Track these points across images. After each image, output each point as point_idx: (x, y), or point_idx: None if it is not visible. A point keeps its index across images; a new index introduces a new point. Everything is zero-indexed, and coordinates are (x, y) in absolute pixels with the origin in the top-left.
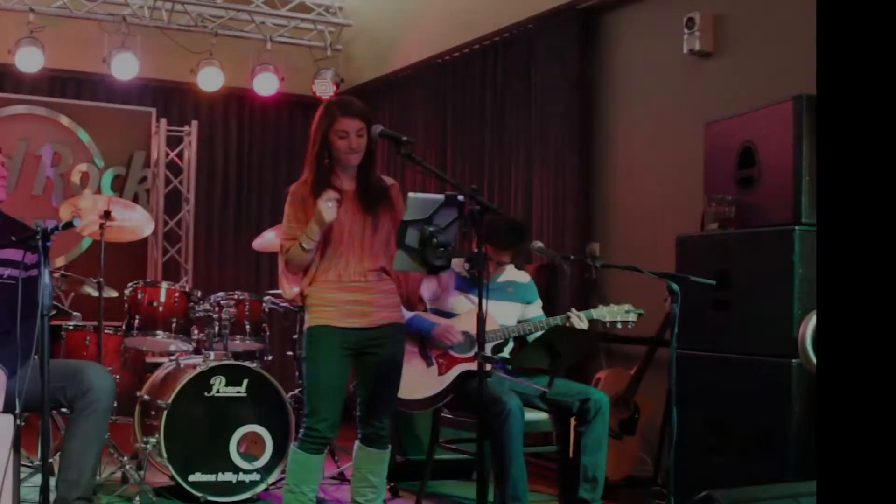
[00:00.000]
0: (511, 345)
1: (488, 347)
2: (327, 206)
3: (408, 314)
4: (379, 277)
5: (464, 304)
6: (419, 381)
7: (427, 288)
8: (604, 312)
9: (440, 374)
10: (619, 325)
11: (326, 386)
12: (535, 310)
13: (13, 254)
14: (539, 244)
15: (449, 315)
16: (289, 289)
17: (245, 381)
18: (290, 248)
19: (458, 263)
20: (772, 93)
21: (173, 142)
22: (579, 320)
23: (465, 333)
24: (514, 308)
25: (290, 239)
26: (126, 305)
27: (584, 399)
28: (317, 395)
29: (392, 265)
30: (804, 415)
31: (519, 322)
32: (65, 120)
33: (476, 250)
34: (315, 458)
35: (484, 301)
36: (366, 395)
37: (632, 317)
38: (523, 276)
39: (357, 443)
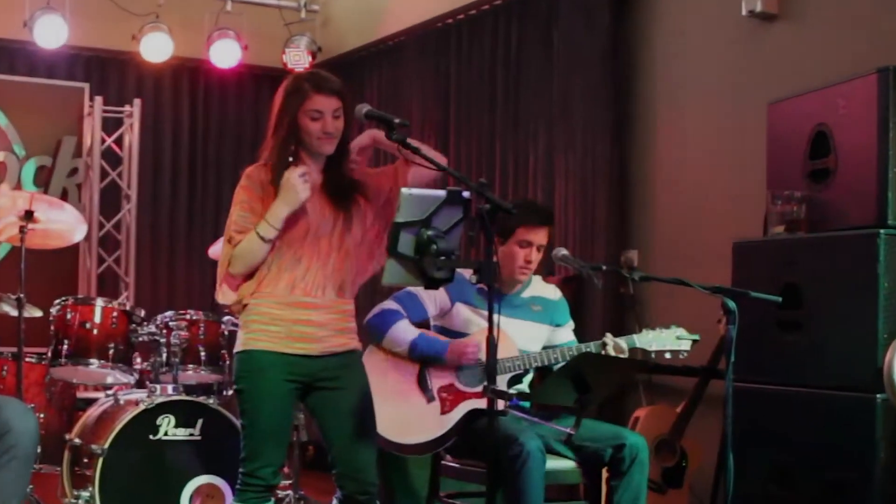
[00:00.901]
0: (531, 376)
1: (503, 379)
2: (301, 181)
3: (412, 334)
4: (338, 295)
5: (476, 323)
6: (417, 420)
7: (430, 299)
8: (649, 339)
9: (443, 412)
10: (667, 356)
11: (268, 424)
12: (567, 334)
13: None
14: (563, 251)
15: (458, 335)
16: (225, 293)
17: (199, 422)
18: (240, 242)
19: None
20: (851, 65)
21: (111, 125)
22: (617, 348)
23: (479, 361)
24: (540, 331)
25: (241, 232)
26: (52, 328)
27: (617, 445)
28: (258, 436)
29: (362, 277)
30: (891, 461)
31: (544, 348)
32: None
33: (486, 258)
34: None
35: (497, 319)
36: (339, 444)
37: (685, 345)
38: (553, 292)
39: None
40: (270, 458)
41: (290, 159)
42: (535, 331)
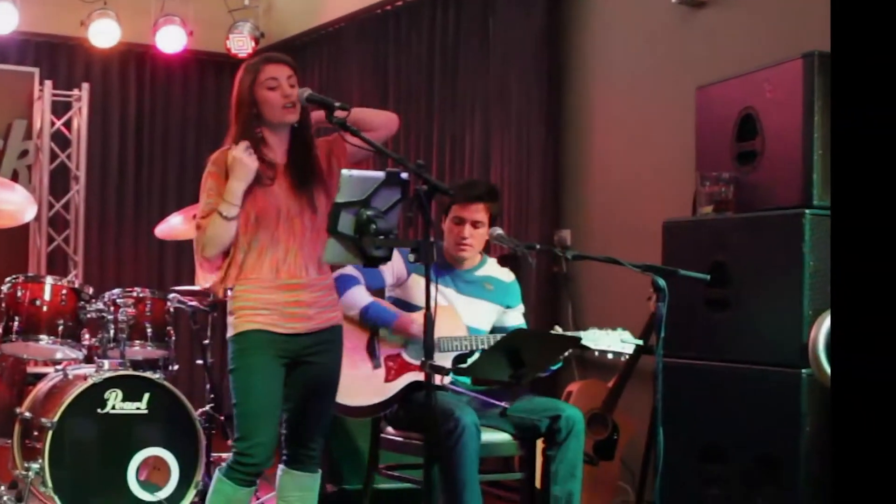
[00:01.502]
0: (477, 356)
1: (450, 357)
2: (246, 154)
3: (365, 300)
4: (319, 272)
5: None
6: (361, 384)
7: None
8: (595, 337)
9: (387, 379)
10: (610, 356)
11: (263, 404)
12: (516, 317)
13: None
14: (498, 231)
15: (413, 308)
16: (205, 276)
17: (146, 396)
18: (206, 226)
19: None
20: (777, 50)
21: (60, 108)
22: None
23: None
24: (490, 309)
25: (208, 216)
26: (3, 305)
27: (553, 416)
28: (251, 416)
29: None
30: (816, 435)
31: (493, 330)
32: None
33: (424, 238)
34: (244, 490)
35: (434, 294)
36: (297, 410)
37: (628, 348)
38: (507, 275)
39: (281, 466)
40: (264, 437)
41: (258, 134)
42: (484, 309)
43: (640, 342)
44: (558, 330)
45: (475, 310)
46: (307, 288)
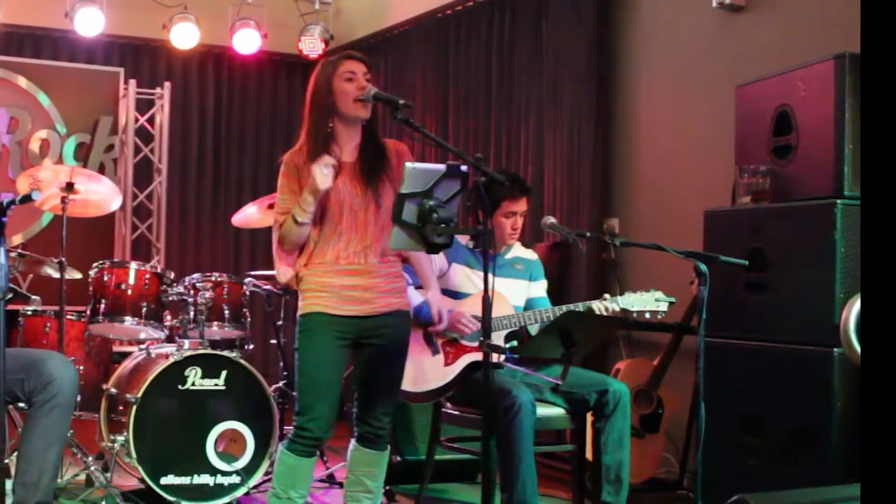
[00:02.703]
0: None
1: (501, 335)
2: (322, 172)
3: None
4: (381, 260)
5: (472, 283)
6: (422, 371)
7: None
8: (631, 300)
9: (446, 364)
10: (647, 315)
11: (320, 381)
12: (539, 289)
13: None
14: (551, 220)
15: (455, 295)
16: (283, 270)
17: (223, 373)
18: (283, 223)
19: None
20: (810, 51)
21: (143, 106)
22: (602, 309)
23: (478, 318)
24: (522, 286)
25: (284, 213)
26: (91, 288)
27: (601, 390)
28: (309, 391)
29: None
30: (847, 410)
31: (526, 302)
32: (22, 81)
33: (483, 226)
34: (305, 461)
35: (491, 280)
36: (364, 390)
37: (662, 306)
38: (531, 254)
39: (353, 442)
40: (321, 412)
41: (330, 128)
42: (518, 286)
43: (673, 299)
44: (607, 297)
45: (511, 289)
46: (365, 273)
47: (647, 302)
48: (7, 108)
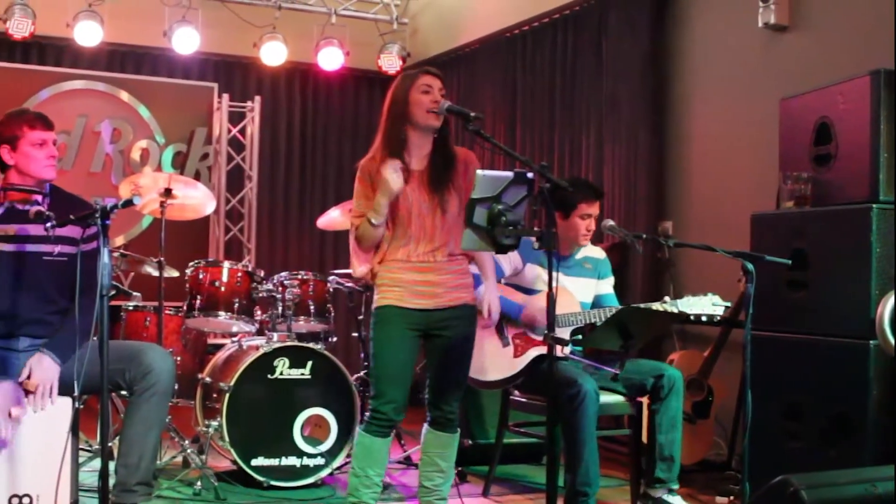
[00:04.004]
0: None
1: (568, 330)
2: (392, 176)
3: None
4: (449, 258)
5: (542, 281)
6: (493, 361)
7: (506, 261)
8: (690, 303)
9: (516, 355)
10: (703, 318)
11: (393, 368)
12: (607, 286)
13: (71, 231)
14: (610, 223)
15: (529, 291)
16: (358, 267)
17: (309, 363)
18: (359, 226)
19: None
20: (849, 68)
21: (235, 118)
22: (664, 309)
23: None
24: (590, 284)
25: (359, 216)
26: (187, 285)
27: (657, 376)
28: (383, 378)
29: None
30: (882, 397)
31: (594, 299)
32: (124, 95)
33: (546, 228)
34: (381, 441)
35: (555, 278)
36: (435, 378)
37: (718, 310)
38: (599, 252)
39: (426, 426)
40: (393, 396)
41: (403, 136)
42: (586, 284)
43: (728, 304)
44: (667, 300)
45: (580, 287)
46: (434, 270)
47: (703, 305)
48: (110, 120)
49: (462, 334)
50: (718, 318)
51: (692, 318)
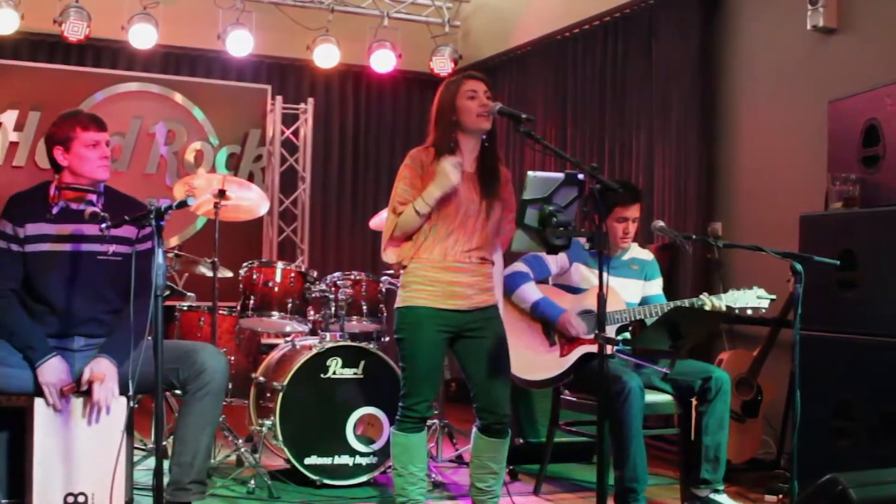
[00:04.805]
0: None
1: (613, 329)
2: (453, 171)
3: (536, 294)
4: (481, 261)
5: (591, 280)
6: (540, 361)
7: (553, 260)
8: (734, 297)
9: (562, 355)
10: (749, 312)
11: (425, 368)
12: (655, 287)
13: (126, 231)
14: (660, 224)
15: (575, 290)
16: (391, 252)
17: (362, 363)
18: (402, 212)
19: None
20: None
21: (289, 119)
22: (709, 306)
23: (591, 313)
24: (637, 285)
25: (403, 203)
26: (241, 286)
27: (705, 377)
28: (415, 377)
29: (494, 248)
30: None
31: (642, 300)
32: (179, 97)
33: (597, 229)
34: (416, 436)
35: (606, 279)
36: (480, 384)
37: (763, 303)
38: (647, 254)
39: (476, 431)
40: (425, 395)
41: (452, 145)
42: (633, 285)
43: (773, 297)
44: (705, 296)
45: (626, 287)
46: (468, 272)
47: (748, 299)
48: (165, 122)
49: (496, 335)
50: (763, 310)
51: (737, 311)
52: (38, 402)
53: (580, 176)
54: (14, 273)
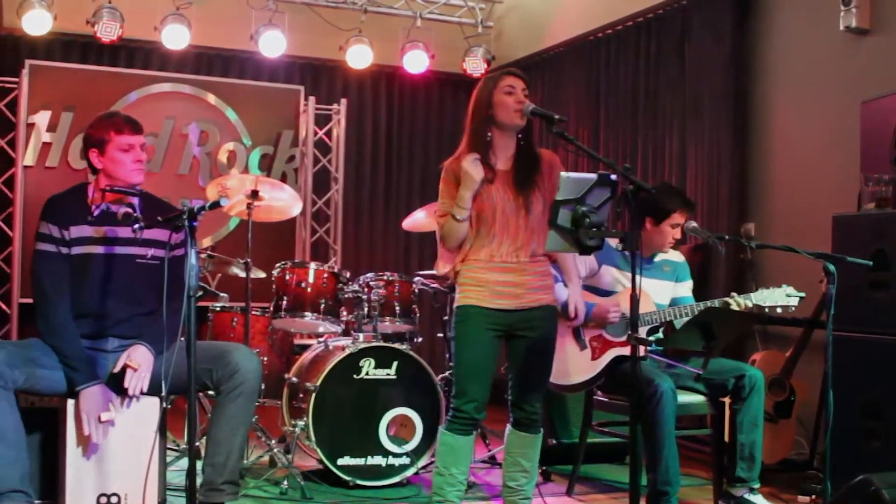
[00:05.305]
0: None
1: (644, 330)
2: (472, 167)
3: (564, 294)
4: (531, 259)
5: (620, 283)
6: (572, 364)
7: (581, 262)
8: (764, 296)
9: (594, 358)
10: (779, 310)
11: (474, 367)
12: (685, 289)
13: (159, 234)
14: (693, 224)
15: (605, 293)
16: (441, 264)
17: (395, 364)
18: (444, 224)
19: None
20: None
21: (322, 120)
22: (739, 304)
23: (621, 315)
24: (668, 287)
25: (444, 215)
26: (274, 286)
27: (738, 376)
28: (464, 377)
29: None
30: None
31: (671, 301)
32: (211, 98)
33: (630, 230)
34: (463, 439)
35: (638, 280)
36: (517, 378)
37: (793, 301)
38: (678, 256)
39: (509, 427)
40: (472, 395)
41: (488, 137)
42: (664, 286)
43: (803, 295)
44: (734, 295)
45: (657, 289)
46: (516, 271)
47: (778, 297)
48: (198, 122)
49: (544, 335)
50: (793, 308)
51: (766, 310)
52: (71, 403)
53: (613, 177)
54: (66, 275)
